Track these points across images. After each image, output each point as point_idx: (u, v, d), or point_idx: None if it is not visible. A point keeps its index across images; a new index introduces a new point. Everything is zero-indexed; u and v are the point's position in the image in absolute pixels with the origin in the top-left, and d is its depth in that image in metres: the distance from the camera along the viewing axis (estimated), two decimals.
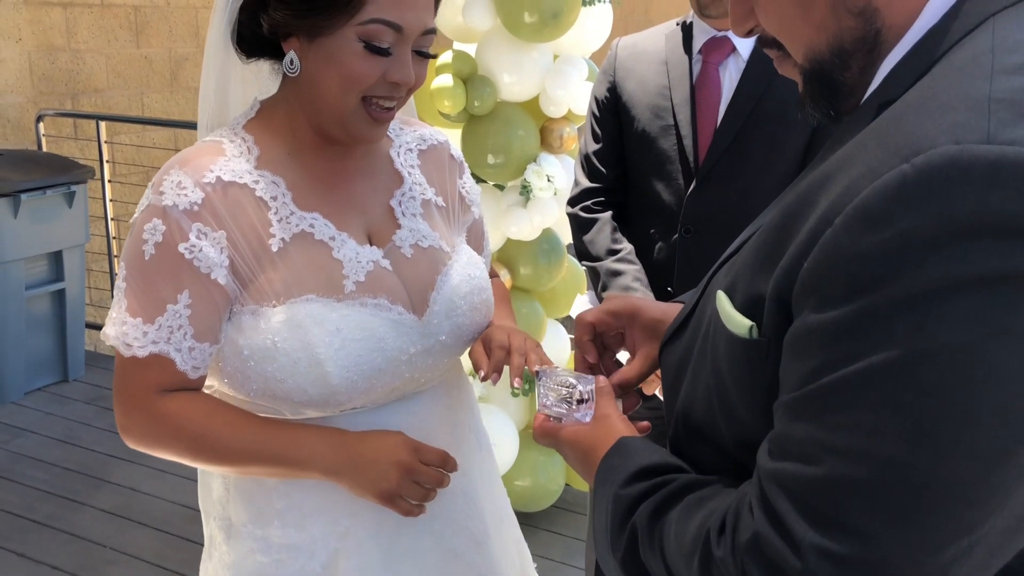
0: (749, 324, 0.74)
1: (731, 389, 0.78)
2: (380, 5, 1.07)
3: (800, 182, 0.77)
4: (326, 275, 1.14)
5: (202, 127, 1.29)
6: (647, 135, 1.91)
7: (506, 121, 2.71)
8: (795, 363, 0.68)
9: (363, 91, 1.12)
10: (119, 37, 4.96)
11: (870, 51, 0.75)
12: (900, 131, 0.64)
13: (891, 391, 0.61)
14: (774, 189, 1.82)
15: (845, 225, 0.63)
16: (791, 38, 0.80)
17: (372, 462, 1.11)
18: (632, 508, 0.82)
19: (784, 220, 0.73)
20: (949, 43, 0.69)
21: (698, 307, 0.92)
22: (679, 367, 0.92)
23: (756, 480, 0.71)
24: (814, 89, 0.80)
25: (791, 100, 1.85)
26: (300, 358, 1.10)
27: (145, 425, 1.13)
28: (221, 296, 1.12)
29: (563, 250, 2.93)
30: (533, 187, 2.68)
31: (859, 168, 0.65)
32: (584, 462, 0.93)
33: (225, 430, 1.13)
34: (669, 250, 1.91)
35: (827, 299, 0.64)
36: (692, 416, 0.87)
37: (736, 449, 0.80)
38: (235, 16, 1.16)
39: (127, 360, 1.11)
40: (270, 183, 1.15)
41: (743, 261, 0.79)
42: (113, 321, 1.12)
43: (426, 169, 1.33)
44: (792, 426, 0.67)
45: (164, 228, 1.09)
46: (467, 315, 1.26)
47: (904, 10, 0.73)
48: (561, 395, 0.97)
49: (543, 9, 2.51)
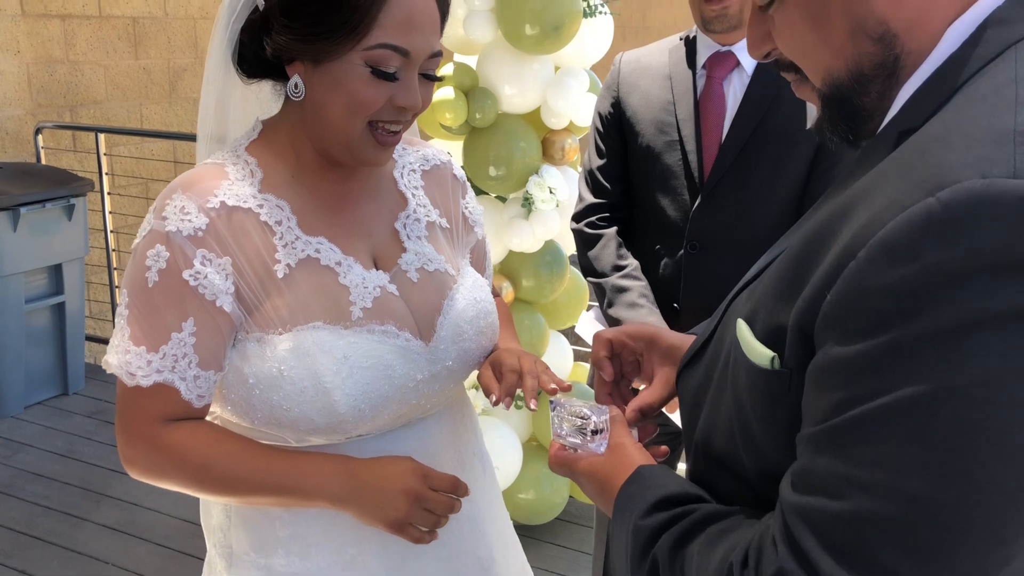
0: (771, 355, 0.74)
1: (752, 419, 0.77)
2: (386, 30, 1.06)
3: (820, 209, 0.77)
4: (332, 301, 1.13)
5: (201, 148, 1.27)
6: (651, 150, 1.90)
7: (507, 133, 2.70)
8: (818, 396, 0.67)
9: (369, 116, 1.10)
10: (117, 49, 4.96)
11: (889, 76, 0.74)
12: (924, 163, 0.63)
13: (918, 426, 0.60)
14: (779, 204, 1.83)
15: (869, 258, 0.62)
16: (809, 62, 0.79)
17: (380, 490, 1.09)
18: (652, 539, 0.81)
19: (805, 249, 0.72)
20: (970, 72, 0.69)
21: (716, 334, 0.91)
22: (697, 394, 0.91)
23: (779, 513, 0.70)
24: (833, 113, 0.79)
25: (796, 115, 1.86)
26: (307, 387, 1.08)
27: (148, 456, 1.11)
28: (226, 323, 1.10)
29: (565, 262, 2.92)
30: (535, 199, 2.67)
31: (882, 199, 0.64)
32: (602, 493, 0.92)
33: (230, 460, 1.11)
34: (675, 266, 1.90)
35: (851, 332, 0.64)
36: (713, 445, 0.86)
37: (758, 480, 0.80)
38: (236, 37, 1.14)
39: (130, 390, 1.09)
40: (274, 207, 1.13)
41: (764, 289, 0.78)
42: (116, 349, 1.10)
43: (430, 190, 1.32)
44: (816, 460, 0.67)
45: (168, 254, 1.07)
46: (473, 339, 1.25)
47: (924, 36, 0.72)
48: (575, 425, 0.96)
49: (544, 21, 2.50)
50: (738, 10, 1.77)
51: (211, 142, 1.25)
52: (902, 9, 0.72)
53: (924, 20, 0.72)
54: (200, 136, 1.27)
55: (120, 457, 1.14)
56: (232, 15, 1.13)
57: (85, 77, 4.83)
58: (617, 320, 1.89)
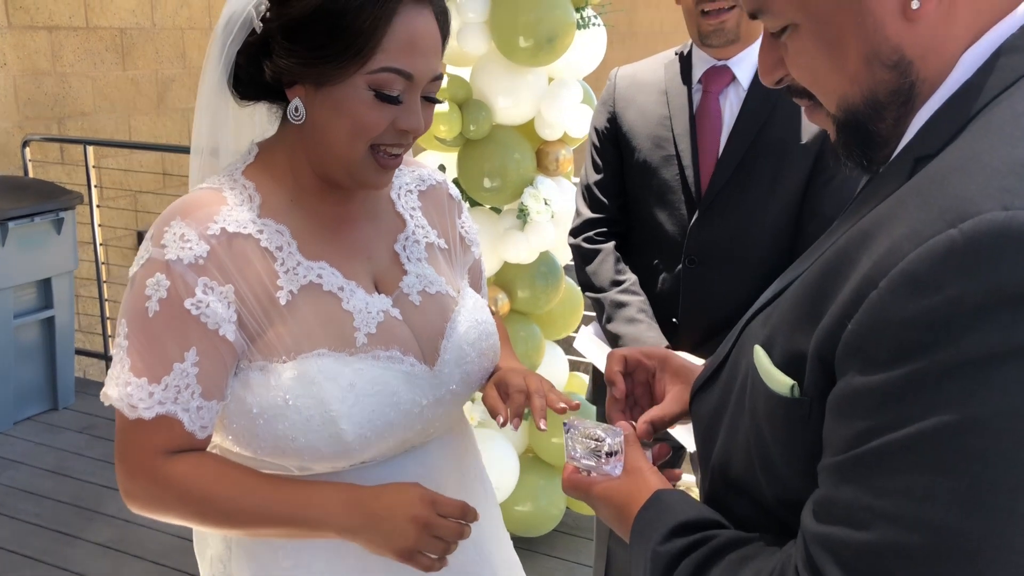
0: (790, 383, 0.73)
1: (772, 447, 0.77)
2: (390, 53, 1.05)
3: (836, 235, 0.77)
4: (337, 328, 1.11)
5: (194, 171, 1.25)
6: (648, 165, 1.90)
7: (502, 145, 2.70)
8: (840, 425, 0.67)
9: (372, 139, 1.09)
10: (105, 60, 4.93)
11: (904, 103, 0.75)
12: (944, 193, 0.64)
13: (942, 457, 0.60)
14: (777, 219, 1.83)
15: (891, 288, 0.63)
16: (823, 89, 0.79)
17: (388, 519, 1.07)
18: (672, 565, 0.80)
19: (823, 276, 0.72)
20: (986, 99, 0.69)
21: (730, 357, 0.90)
22: (712, 418, 0.91)
23: (801, 542, 0.70)
24: (847, 139, 0.79)
25: (792, 130, 1.86)
26: (313, 416, 1.07)
27: (150, 490, 1.09)
28: (229, 352, 1.08)
29: (560, 272, 2.91)
30: (530, 211, 2.67)
31: (902, 229, 0.65)
32: (619, 517, 0.91)
33: (234, 492, 1.08)
34: (673, 281, 1.89)
35: (873, 362, 0.64)
36: (731, 470, 0.85)
37: (776, 506, 0.79)
38: (232, 59, 1.13)
39: (131, 422, 1.06)
40: (274, 232, 1.12)
41: (780, 316, 0.78)
42: (115, 381, 1.07)
43: (427, 211, 1.31)
44: (839, 489, 0.66)
45: (168, 283, 1.05)
46: (476, 362, 1.24)
47: (938, 63, 0.72)
48: (589, 447, 0.95)
49: (538, 33, 2.50)
50: (735, 24, 1.77)
51: (205, 155, 1.24)
52: (917, 36, 0.72)
53: (938, 47, 0.72)
54: (193, 149, 1.25)
55: (120, 491, 1.11)
56: (228, 37, 1.12)
57: (72, 89, 4.80)
58: (616, 335, 1.88)
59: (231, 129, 1.23)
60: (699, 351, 1.86)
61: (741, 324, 0.91)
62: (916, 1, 0.70)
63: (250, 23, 1.10)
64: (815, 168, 1.81)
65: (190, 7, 5.18)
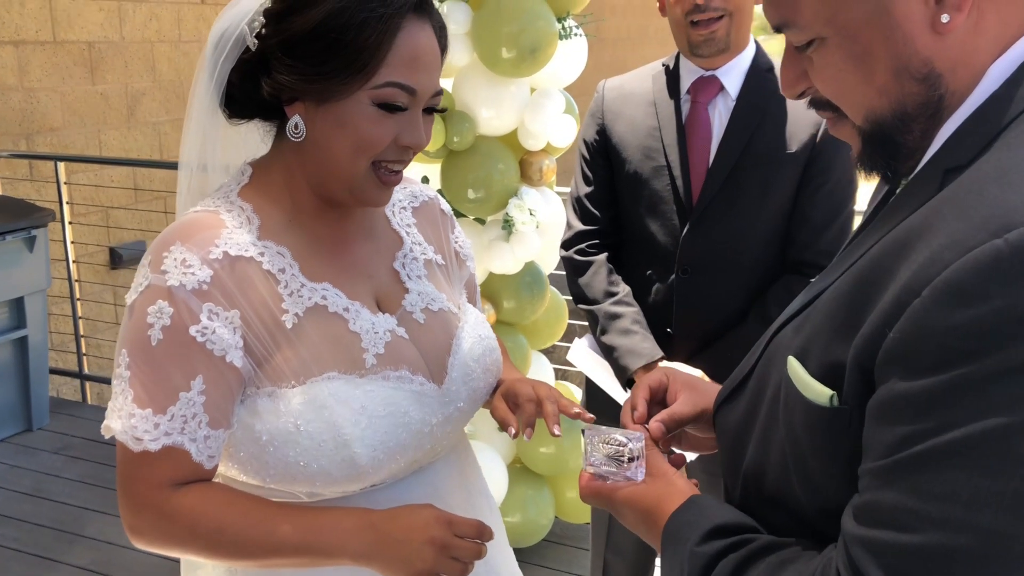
0: (829, 393, 0.74)
1: (810, 456, 0.78)
2: (394, 68, 1.04)
3: (865, 246, 0.77)
4: (345, 350, 1.10)
5: (183, 187, 1.22)
6: (639, 176, 1.90)
7: (485, 155, 2.69)
8: (882, 430, 0.68)
9: (375, 156, 1.08)
10: (73, 74, 4.86)
11: (932, 115, 0.75)
12: (984, 203, 0.65)
13: (989, 460, 0.62)
14: (768, 227, 1.84)
15: (935, 298, 0.64)
16: (850, 102, 0.79)
17: (405, 542, 1.04)
18: (710, 565, 0.81)
19: (859, 287, 0.73)
20: (1016, 111, 0.70)
21: (756, 370, 0.91)
22: (740, 429, 0.91)
23: (842, 546, 0.70)
24: (873, 151, 0.80)
25: (780, 139, 1.88)
26: (325, 440, 1.05)
27: (158, 524, 1.05)
28: (235, 379, 1.06)
29: (545, 282, 2.91)
30: (516, 221, 2.66)
31: (940, 239, 0.66)
32: (646, 521, 0.91)
33: (245, 523, 1.05)
34: (667, 291, 1.90)
35: (916, 368, 0.65)
36: (765, 481, 0.86)
37: (815, 516, 0.80)
38: (225, 77, 1.11)
39: (136, 455, 1.03)
40: (275, 254, 1.10)
41: (814, 327, 0.79)
42: (118, 413, 1.04)
43: (422, 227, 1.30)
44: (883, 494, 0.67)
45: (171, 310, 1.02)
46: (482, 378, 1.23)
47: (967, 75, 0.74)
48: (609, 453, 0.95)
49: (521, 44, 2.50)
50: (725, 34, 1.78)
51: (194, 171, 1.21)
52: (947, 49, 0.73)
53: (967, 60, 0.73)
54: (182, 164, 1.22)
55: (125, 527, 1.08)
56: (221, 55, 1.10)
57: (41, 104, 4.72)
58: (611, 347, 1.88)
59: (222, 148, 1.21)
60: (694, 361, 1.87)
61: (767, 337, 0.91)
62: (946, 15, 0.71)
63: (243, 40, 1.09)
64: (804, 176, 1.82)
65: (159, 20, 5.13)
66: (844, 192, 1.84)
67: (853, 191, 1.86)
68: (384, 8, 1.03)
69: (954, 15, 0.71)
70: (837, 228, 1.83)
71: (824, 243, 1.82)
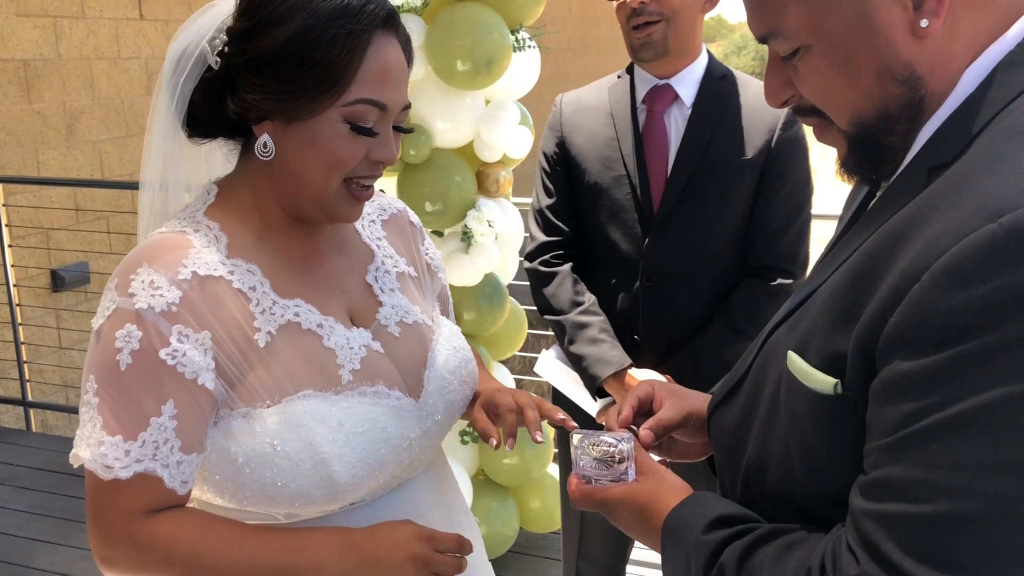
0: (833, 381, 0.77)
1: (816, 444, 0.80)
2: (364, 85, 1.04)
3: (855, 244, 0.81)
4: (320, 367, 1.08)
5: (144, 208, 1.19)
6: (599, 186, 1.92)
7: (442, 168, 2.70)
8: (886, 409, 0.70)
9: (347, 173, 1.07)
10: (8, 93, 4.72)
11: (914, 116, 0.79)
12: (975, 192, 0.68)
13: (993, 430, 0.64)
14: (728, 233, 1.87)
15: (935, 282, 0.67)
16: (836, 106, 0.82)
17: (385, 560, 1.03)
18: (717, 552, 0.82)
19: (855, 280, 0.76)
20: (992, 111, 0.74)
21: (752, 371, 0.93)
22: (738, 428, 0.93)
23: (851, 523, 0.73)
24: (859, 154, 0.83)
25: (736, 146, 1.92)
26: (303, 459, 1.04)
27: (131, 554, 1.02)
28: (208, 401, 1.04)
29: (505, 294, 2.92)
30: (474, 233, 2.67)
31: (935, 228, 0.69)
32: (641, 518, 0.93)
33: (222, 548, 1.02)
34: (632, 298, 1.92)
35: (919, 348, 0.68)
36: (767, 476, 0.88)
37: (820, 504, 0.82)
38: (187, 97, 1.09)
39: (106, 484, 1.00)
40: (245, 272, 1.08)
41: (812, 321, 0.81)
42: (86, 441, 1.01)
43: (392, 240, 1.30)
44: (891, 468, 0.70)
45: (140, 334, 1.00)
46: (458, 390, 1.23)
47: (945, 77, 0.78)
48: (599, 456, 0.96)
49: (476, 57, 2.51)
50: (662, 37, 1.82)
51: (157, 214, 1.19)
52: (926, 53, 0.77)
53: (945, 63, 0.77)
54: (143, 185, 1.19)
55: (96, 558, 1.04)
56: (182, 75, 1.09)
57: None
58: (579, 356, 1.89)
59: (185, 168, 1.18)
60: (661, 367, 1.89)
61: (762, 338, 0.94)
62: (925, 20, 0.75)
63: (204, 59, 1.07)
64: (761, 182, 1.86)
65: (96, 37, 5.02)
66: (800, 196, 1.88)
67: (809, 194, 1.90)
68: (353, 24, 1.02)
69: (932, 20, 0.75)
70: (795, 232, 1.87)
71: (782, 247, 1.86)
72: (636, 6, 1.79)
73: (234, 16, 1.06)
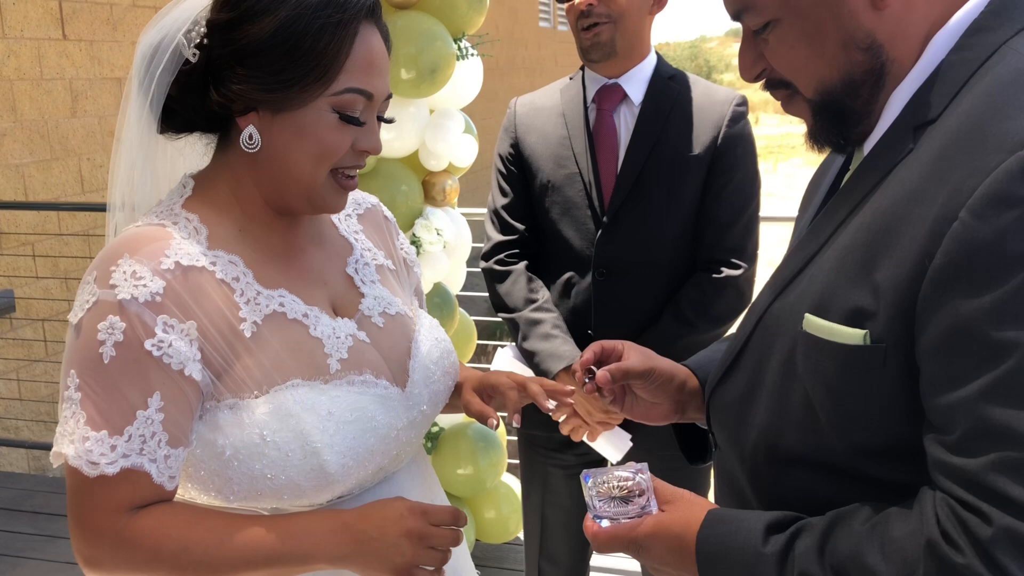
0: (862, 332, 0.78)
1: (845, 399, 0.81)
2: (352, 74, 1.05)
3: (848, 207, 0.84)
4: (308, 356, 1.07)
5: (112, 231, 1.17)
6: (552, 184, 1.96)
7: (388, 177, 2.69)
8: (960, 355, 0.71)
9: (334, 163, 1.08)
10: None
11: (876, 82, 0.85)
12: (992, 134, 0.73)
13: None
14: (677, 228, 1.91)
15: (975, 214, 0.70)
16: (803, 75, 0.87)
17: (380, 538, 1.02)
18: (782, 560, 0.80)
19: (872, 237, 0.79)
20: (970, 69, 0.80)
21: (751, 345, 0.95)
22: (742, 401, 0.95)
23: (961, 482, 0.71)
24: (824, 120, 0.88)
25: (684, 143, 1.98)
26: (293, 449, 1.02)
27: (118, 552, 0.99)
28: (194, 393, 1.02)
29: (454, 303, 2.91)
30: (423, 241, 2.66)
31: (959, 173, 0.73)
32: (678, 549, 0.88)
33: (211, 539, 1.00)
34: (585, 294, 1.95)
35: (976, 283, 0.69)
36: (781, 442, 0.89)
37: (853, 458, 0.82)
38: (164, 92, 1.08)
39: (90, 481, 0.98)
40: (227, 263, 1.07)
41: (826, 283, 0.84)
42: (69, 438, 0.98)
43: (369, 233, 1.30)
44: (988, 415, 0.69)
45: (123, 325, 0.98)
46: (441, 381, 1.23)
47: (905, 46, 0.84)
48: (615, 495, 0.92)
49: (420, 65, 2.52)
50: (609, 38, 1.87)
51: (128, 212, 1.16)
52: (885, 23, 0.83)
53: (904, 32, 0.83)
54: (110, 205, 1.17)
55: (80, 560, 1.01)
56: (158, 68, 1.07)
57: None
58: (532, 352, 1.91)
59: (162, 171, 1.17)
60: None
61: (759, 311, 0.95)
62: None
63: (180, 52, 1.06)
64: (708, 177, 1.91)
65: (18, 57, 4.87)
66: (748, 191, 1.93)
67: (757, 189, 1.96)
68: (340, 14, 1.03)
69: None
70: (743, 225, 1.92)
71: (730, 240, 1.91)
72: (584, 8, 1.84)
73: (214, 8, 1.05)
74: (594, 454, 2.00)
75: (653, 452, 1.81)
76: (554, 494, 2.12)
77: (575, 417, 1.83)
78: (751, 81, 0.92)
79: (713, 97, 1.94)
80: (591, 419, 1.82)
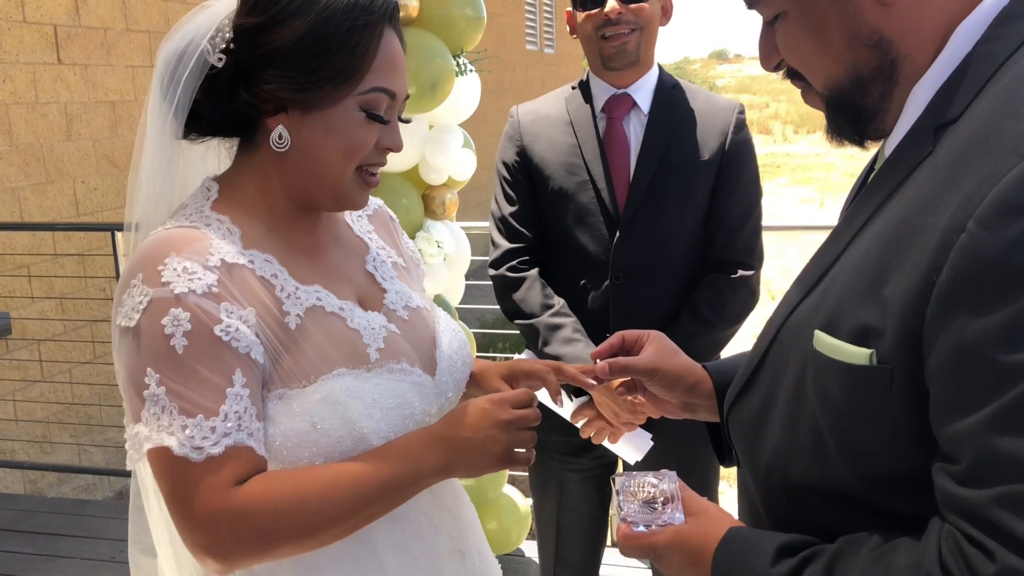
0: (868, 352, 0.74)
1: (853, 422, 0.78)
2: (378, 73, 1.09)
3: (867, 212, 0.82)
4: (349, 346, 1.11)
5: (136, 221, 1.18)
6: (564, 192, 1.99)
7: (388, 191, 2.73)
8: (969, 378, 0.66)
9: (361, 160, 1.12)
10: None
11: (888, 78, 0.83)
12: (1005, 138, 0.69)
13: None
14: (690, 232, 1.97)
15: (984, 224, 0.65)
16: (811, 70, 0.88)
17: (473, 436, 1.06)
18: None
19: (885, 248, 0.76)
20: (995, 64, 0.76)
21: (768, 360, 0.92)
22: (757, 420, 0.92)
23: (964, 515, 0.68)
24: (837, 116, 0.88)
25: (692, 149, 2.03)
26: (343, 436, 1.05)
27: (236, 524, 0.99)
28: (260, 376, 1.05)
29: (454, 315, 2.95)
30: (424, 254, 2.70)
31: (971, 180, 0.69)
32: (695, 562, 0.88)
33: (320, 487, 1.01)
34: (602, 298, 1.98)
35: (985, 299, 0.65)
36: (793, 467, 0.86)
37: (861, 486, 0.79)
38: (190, 95, 1.11)
39: (199, 465, 0.98)
40: (263, 262, 1.11)
41: (838, 297, 0.80)
42: (166, 431, 0.98)
43: (380, 233, 1.35)
44: (996, 444, 0.64)
45: (188, 315, 1.00)
46: (461, 370, 1.27)
47: (918, 41, 0.82)
48: (644, 499, 0.94)
49: (420, 81, 2.57)
50: (635, 47, 1.92)
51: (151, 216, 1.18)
52: (893, 19, 0.81)
53: (916, 27, 0.81)
54: (127, 226, 1.20)
55: (199, 552, 1.00)
56: (183, 74, 1.10)
57: None
58: (555, 356, 1.93)
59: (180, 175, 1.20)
60: None
61: (775, 326, 0.93)
62: None
63: (204, 59, 1.09)
64: (717, 182, 1.97)
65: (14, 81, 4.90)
66: (753, 193, 2.00)
67: (759, 192, 2.03)
68: (367, 16, 1.08)
69: None
70: (750, 228, 1.98)
71: (741, 241, 1.97)
72: (614, 17, 1.89)
73: (240, 13, 1.09)
74: (610, 456, 2.02)
75: (670, 451, 1.84)
76: (569, 499, 2.13)
77: (599, 419, 1.82)
78: (770, 71, 0.93)
79: (716, 105, 2.00)
80: (617, 420, 1.80)
